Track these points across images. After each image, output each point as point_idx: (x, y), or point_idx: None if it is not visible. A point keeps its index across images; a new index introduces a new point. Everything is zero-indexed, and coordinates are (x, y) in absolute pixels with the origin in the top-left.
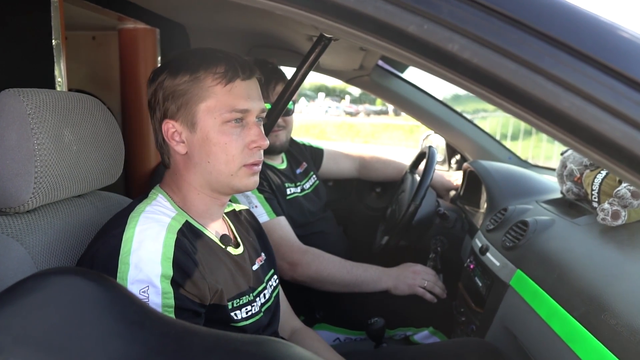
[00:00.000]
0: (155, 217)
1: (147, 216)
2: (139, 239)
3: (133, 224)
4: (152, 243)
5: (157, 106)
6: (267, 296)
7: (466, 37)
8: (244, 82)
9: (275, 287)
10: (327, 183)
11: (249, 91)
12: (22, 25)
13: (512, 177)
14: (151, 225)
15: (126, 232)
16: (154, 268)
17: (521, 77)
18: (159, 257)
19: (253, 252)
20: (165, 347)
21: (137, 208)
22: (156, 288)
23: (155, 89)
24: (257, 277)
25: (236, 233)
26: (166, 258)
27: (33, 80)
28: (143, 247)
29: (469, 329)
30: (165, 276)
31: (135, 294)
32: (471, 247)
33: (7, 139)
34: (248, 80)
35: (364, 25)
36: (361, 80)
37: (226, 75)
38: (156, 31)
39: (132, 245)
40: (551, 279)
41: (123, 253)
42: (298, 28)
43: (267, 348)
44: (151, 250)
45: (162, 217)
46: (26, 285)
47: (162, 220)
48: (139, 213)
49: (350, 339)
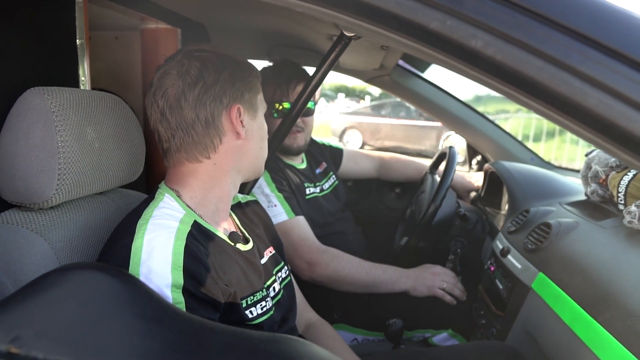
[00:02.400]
0: (163, 222)
1: (155, 222)
2: (148, 248)
3: (141, 232)
4: (161, 252)
5: (214, 90)
6: (277, 289)
7: (490, 33)
8: None
9: (284, 279)
10: (347, 183)
11: None
12: (48, 25)
13: (534, 178)
14: (159, 233)
15: (135, 241)
16: (164, 278)
17: (547, 74)
18: (169, 267)
19: (261, 245)
20: (184, 344)
21: (145, 214)
22: (167, 298)
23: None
24: (267, 270)
25: (242, 228)
26: (176, 267)
27: (57, 79)
28: (152, 257)
29: (489, 332)
30: (176, 286)
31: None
32: (492, 249)
33: (32, 136)
34: None
35: (385, 22)
36: (381, 80)
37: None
38: (178, 31)
39: (141, 255)
40: (575, 282)
41: (133, 264)
42: (318, 27)
43: (284, 346)
44: (160, 261)
45: (170, 221)
46: (48, 280)
47: (170, 226)
48: (146, 220)
49: (368, 340)
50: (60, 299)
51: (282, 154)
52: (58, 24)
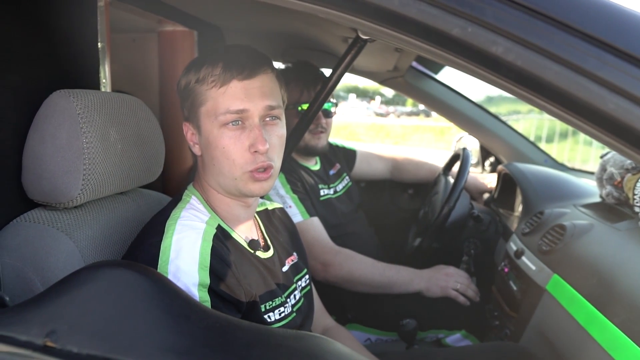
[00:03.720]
0: (191, 223)
1: (183, 223)
2: (176, 247)
3: (170, 232)
4: (189, 252)
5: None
6: (297, 297)
7: (510, 39)
8: (241, 82)
9: (305, 287)
10: (360, 184)
11: (247, 91)
12: (71, 29)
13: (548, 180)
14: (188, 233)
15: (164, 240)
16: (192, 277)
17: (565, 79)
18: (196, 266)
19: (283, 253)
20: (210, 339)
21: (173, 214)
22: (194, 296)
23: (178, 88)
24: (287, 278)
25: (266, 235)
26: (203, 267)
27: (80, 81)
28: (180, 256)
29: (502, 333)
30: (202, 285)
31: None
32: (505, 251)
33: (58, 137)
34: (248, 80)
35: (406, 27)
36: (395, 82)
37: (220, 78)
38: (194, 33)
39: (170, 254)
40: (590, 284)
41: (162, 262)
42: (333, 30)
43: (308, 343)
44: (188, 260)
45: (197, 223)
46: (80, 277)
47: (197, 227)
48: (175, 220)
49: (381, 340)
50: (92, 296)
51: (303, 155)
52: (81, 28)
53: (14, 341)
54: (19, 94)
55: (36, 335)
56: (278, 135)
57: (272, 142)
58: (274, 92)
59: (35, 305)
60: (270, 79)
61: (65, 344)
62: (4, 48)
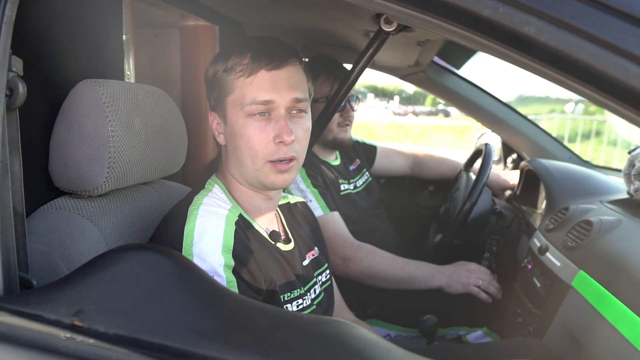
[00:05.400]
0: (214, 209)
1: (206, 209)
2: (200, 231)
3: (193, 216)
4: (212, 235)
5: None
6: (317, 291)
7: (543, 19)
8: (269, 72)
9: (325, 282)
10: (380, 180)
11: (275, 82)
12: (97, 22)
13: (573, 176)
14: (210, 217)
15: (187, 224)
16: (217, 258)
17: (601, 60)
18: (220, 248)
19: (304, 247)
20: (235, 322)
21: (196, 200)
22: (221, 277)
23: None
24: (308, 273)
25: (287, 228)
26: (226, 249)
27: (105, 73)
28: (204, 239)
29: (525, 331)
30: (227, 266)
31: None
32: (529, 247)
33: (85, 126)
34: (276, 70)
35: (435, 9)
36: (416, 77)
37: (248, 67)
38: (216, 28)
39: (194, 237)
40: (618, 280)
41: (186, 245)
42: (355, 24)
43: (332, 328)
44: (212, 242)
45: (220, 209)
46: (106, 259)
47: (220, 213)
48: (197, 206)
49: (401, 336)
50: (117, 277)
51: (327, 149)
52: (106, 21)
53: (42, 319)
54: (46, 84)
55: (64, 314)
56: (303, 128)
57: (297, 135)
58: (301, 84)
59: (62, 285)
60: (298, 71)
61: (92, 323)
62: (33, 40)
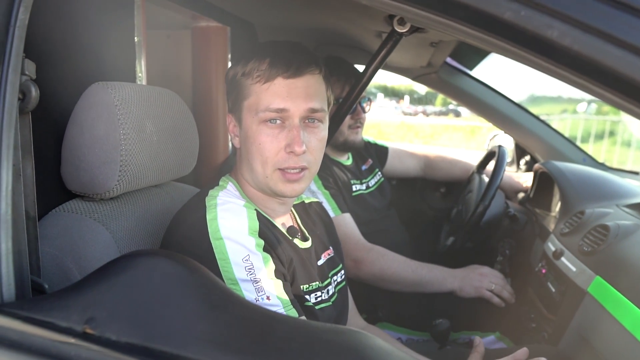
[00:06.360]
0: (231, 199)
1: (224, 199)
2: (224, 216)
3: (213, 205)
4: (237, 218)
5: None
6: (331, 292)
7: (567, 23)
8: (286, 80)
9: (340, 283)
10: (391, 182)
11: (291, 90)
12: (109, 24)
13: (589, 178)
14: (231, 206)
15: (208, 213)
16: (247, 239)
17: (628, 65)
18: (247, 230)
19: (320, 246)
20: (249, 330)
21: (212, 193)
22: (256, 255)
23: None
24: (322, 272)
25: (303, 226)
26: (253, 231)
27: (117, 74)
28: (230, 223)
29: (539, 336)
30: (259, 245)
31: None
32: (543, 251)
33: (96, 129)
34: (293, 79)
35: (454, 12)
36: (428, 78)
37: (265, 74)
38: (227, 29)
39: (218, 223)
40: (636, 287)
41: (212, 232)
42: (367, 25)
43: (347, 337)
44: (238, 226)
45: (237, 200)
46: (118, 265)
47: (238, 202)
48: (214, 197)
49: (412, 340)
50: (130, 284)
51: (338, 150)
52: (118, 23)
53: (54, 327)
54: (59, 87)
55: (76, 321)
56: (318, 138)
57: (310, 145)
58: (318, 94)
59: (74, 292)
60: (317, 80)
61: (104, 331)
62: (46, 43)
